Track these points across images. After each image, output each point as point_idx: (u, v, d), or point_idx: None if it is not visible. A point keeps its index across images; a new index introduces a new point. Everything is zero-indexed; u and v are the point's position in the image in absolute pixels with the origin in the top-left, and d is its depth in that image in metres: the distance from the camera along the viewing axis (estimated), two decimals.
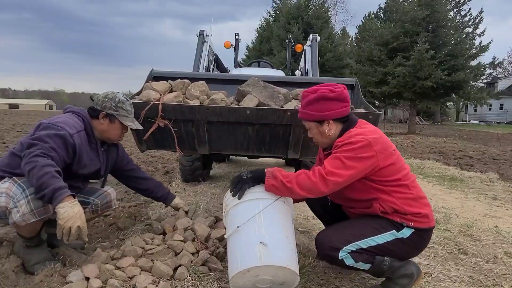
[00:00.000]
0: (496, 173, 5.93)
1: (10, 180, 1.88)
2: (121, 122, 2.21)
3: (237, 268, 1.67)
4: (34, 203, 1.81)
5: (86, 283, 1.75)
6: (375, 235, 1.76)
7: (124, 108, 2.22)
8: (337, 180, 1.69)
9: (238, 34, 7.05)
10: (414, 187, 1.83)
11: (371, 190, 1.79)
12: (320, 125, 1.86)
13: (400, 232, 1.77)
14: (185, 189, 4.25)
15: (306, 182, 1.72)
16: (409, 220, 1.76)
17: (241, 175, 1.89)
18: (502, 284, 2.08)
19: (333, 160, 1.73)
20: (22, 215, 1.78)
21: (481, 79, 19.71)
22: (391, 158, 1.77)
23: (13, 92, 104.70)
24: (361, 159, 1.70)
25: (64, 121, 2.04)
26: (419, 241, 1.82)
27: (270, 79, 2.97)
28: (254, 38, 31.28)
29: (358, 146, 1.70)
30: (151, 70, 3.15)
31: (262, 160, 6.13)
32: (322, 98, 1.82)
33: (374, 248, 1.76)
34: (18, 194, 1.80)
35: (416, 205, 1.78)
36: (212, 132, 2.78)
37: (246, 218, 1.76)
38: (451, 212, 3.62)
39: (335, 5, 33.61)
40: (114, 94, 2.23)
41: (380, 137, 1.77)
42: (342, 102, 1.83)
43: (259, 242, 1.67)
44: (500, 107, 38.89)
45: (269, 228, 1.74)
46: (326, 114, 1.82)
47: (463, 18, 20.11)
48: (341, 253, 1.73)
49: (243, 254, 1.70)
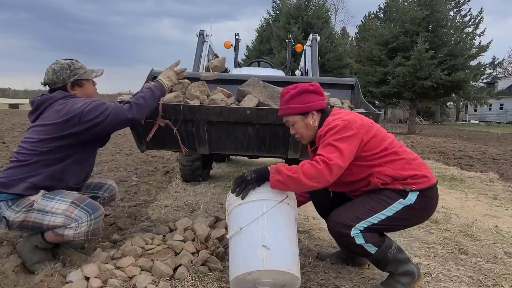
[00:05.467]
0: (496, 173, 5.93)
1: (68, 202, 1.97)
2: (87, 79, 2.22)
3: (239, 271, 1.67)
4: (94, 226, 2.00)
5: (86, 283, 1.75)
6: (385, 208, 1.81)
7: (77, 67, 2.19)
8: (339, 163, 1.73)
9: (238, 34, 7.05)
10: (404, 151, 1.90)
11: (364, 168, 1.86)
12: (305, 117, 1.95)
13: (406, 198, 1.82)
14: (185, 189, 4.25)
15: (311, 171, 1.73)
16: (409, 184, 1.81)
17: (245, 175, 1.89)
18: (502, 284, 2.08)
19: (325, 148, 1.78)
20: (77, 233, 1.96)
21: (481, 79, 19.69)
22: (372, 131, 1.86)
23: (13, 92, 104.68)
24: (348, 139, 1.78)
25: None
26: (427, 202, 1.86)
27: (270, 79, 2.97)
28: (254, 38, 31.30)
29: (340, 128, 1.79)
30: (151, 70, 3.15)
31: (262, 160, 6.13)
32: (305, 91, 1.93)
33: (386, 221, 1.81)
34: (84, 217, 1.96)
35: (410, 168, 1.85)
36: (212, 132, 2.78)
37: (249, 220, 1.75)
38: (451, 212, 3.62)
39: (335, 5, 33.70)
40: (58, 65, 2.16)
41: (355, 116, 1.89)
42: (321, 95, 1.97)
43: (261, 245, 1.66)
44: (500, 107, 38.88)
45: (272, 231, 1.73)
46: (310, 105, 1.93)
47: (463, 18, 20.05)
48: (353, 231, 1.78)
49: (245, 256, 1.69)
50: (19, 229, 2.01)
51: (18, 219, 1.93)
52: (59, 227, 1.95)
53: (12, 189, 1.93)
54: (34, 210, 1.93)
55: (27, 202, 1.94)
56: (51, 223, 1.94)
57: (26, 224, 1.95)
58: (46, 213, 1.93)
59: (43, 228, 1.96)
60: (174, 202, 3.55)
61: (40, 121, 2.07)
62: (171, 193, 3.99)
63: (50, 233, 1.98)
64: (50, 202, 1.96)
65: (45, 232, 1.99)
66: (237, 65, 6.92)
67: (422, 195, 1.83)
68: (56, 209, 1.94)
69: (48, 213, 1.93)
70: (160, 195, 3.91)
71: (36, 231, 2.01)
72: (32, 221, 1.94)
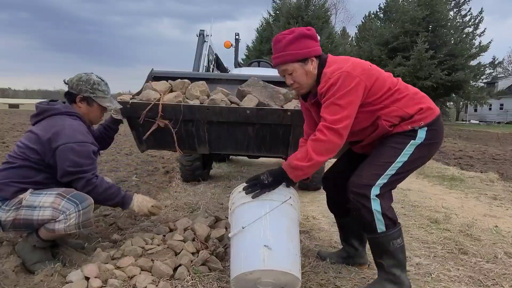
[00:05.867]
0: (496, 173, 5.93)
1: (54, 194, 1.95)
2: (99, 104, 2.20)
3: (240, 270, 1.67)
4: (83, 217, 1.95)
5: (86, 283, 1.75)
6: (398, 155, 1.78)
7: (100, 89, 2.19)
8: (345, 123, 1.69)
9: (238, 34, 7.06)
10: (405, 87, 1.85)
11: (371, 113, 1.81)
12: (305, 64, 1.80)
13: (417, 138, 1.79)
14: (185, 189, 4.25)
15: (321, 146, 1.68)
16: (417, 121, 1.78)
17: (261, 178, 1.81)
18: (502, 284, 2.08)
19: (329, 108, 1.71)
20: (67, 226, 1.92)
21: (481, 79, 19.73)
22: (373, 74, 1.78)
23: (13, 92, 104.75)
24: (351, 91, 1.69)
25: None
26: (435, 134, 1.84)
27: (270, 79, 2.97)
28: (254, 38, 31.31)
29: (341, 82, 1.70)
30: (151, 70, 3.14)
31: (262, 160, 6.13)
32: (302, 35, 1.78)
33: (403, 168, 1.79)
34: (71, 208, 1.93)
35: (414, 103, 1.80)
36: (212, 132, 2.78)
37: (252, 219, 1.75)
38: (451, 212, 3.62)
39: (335, 5, 33.65)
40: (88, 75, 2.19)
41: (354, 62, 1.78)
42: (317, 40, 1.85)
43: (263, 245, 1.66)
44: (500, 107, 38.87)
45: (274, 231, 1.73)
46: (309, 51, 1.78)
47: (463, 18, 20.07)
48: (373, 191, 1.74)
49: (246, 255, 1.69)
50: (13, 228, 2.00)
51: (9, 218, 1.93)
52: (49, 221, 1.92)
53: (1, 193, 1.95)
54: (23, 207, 1.92)
55: (16, 200, 1.94)
56: (40, 218, 1.92)
57: (18, 222, 1.94)
58: (35, 208, 1.92)
59: (34, 224, 1.94)
60: (174, 202, 3.55)
61: (35, 128, 2.07)
62: (171, 193, 3.99)
63: (42, 229, 1.96)
64: (37, 197, 1.95)
65: (39, 230, 1.98)
66: (237, 65, 6.93)
67: (430, 129, 1.80)
68: (43, 203, 1.93)
69: (36, 208, 1.92)
70: (160, 195, 3.91)
71: (28, 229, 2.00)
72: (23, 218, 1.93)
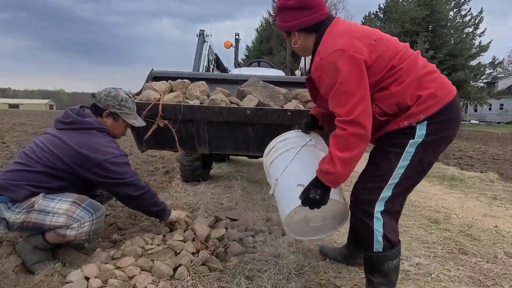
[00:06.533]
0: (496, 173, 5.93)
1: (69, 202, 1.98)
2: (125, 120, 2.25)
3: (284, 214, 1.74)
4: (96, 226, 2.00)
5: (86, 283, 1.75)
6: (398, 160, 1.57)
7: (127, 106, 2.24)
8: (360, 108, 1.46)
9: (238, 34, 7.07)
10: (414, 65, 1.55)
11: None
12: (289, 36, 1.73)
13: (416, 136, 1.54)
14: (185, 189, 4.25)
15: (341, 142, 1.49)
16: (414, 114, 1.52)
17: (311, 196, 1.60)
18: (502, 284, 2.08)
19: (336, 99, 1.51)
20: (79, 233, 1.96)
21: (481, 79, 19.71)
22: (376, 50, 1.53)
23: (13, 92, 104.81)
24: (352, 70, 1.47)
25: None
26: (442, 126, 1.55)
27: (270, 79, 2.97)
28: (254, 38, 31.30)
29: (335, 65, 1.48)
30: (151, 70, 3.14)
31: (262, 160, 6.12)
32: (283, 8, 1.68)
33: (407, 174, 1.58)
34: (86, 217, 1.97)
35: (415, 87, 1.52)
36: (212, 132, 2.78)
37: (281, 169, 1.83)
38: (451, 212, 3.62)
39: (335, 5, 33.53)
40: (116, 91, 2.23)
41: (352, 36, 1.52)
42: (308, 9, 1.62)
43: (296, 185, 1.71)
44: (500, 107, 38.88)
45: (303, 171, 1.76)
46: (288, 25, 1.68)
47: (463, 18, 20.06)
48: (377, 207, 1.61)
49: (286, 199, 1.76)
50: (19, 230, 2.00)
51: (18, 220, 1.92)
52: (61, 227, 1.95)
53: (12, 194, 1.91)
54: (34, 211, 1.93)
55: (28, 203, 1.93)
56: (53, 223, 1.93)
57: (27, 224, 1.95)
58: (48, 213, 1.93)
59: (45, 228, 1.96)
60: (174, 202, 3.55)
61: (65, 136, 2.01)
62: (171, 193, 3.98)
63: (51, 233, 1.98)
64: (51, 202, 1.96)
65: (46, 233, 1.99)
66: (237, 65, 6.93)
67: (433, 122, 1.52)
68: (57, 209, 1.94)
69: (49, 213, 1.93)
70: (160, 195, 3.90)
71: (37, 232, 2.01)
72: (33, 222, 1.94)
